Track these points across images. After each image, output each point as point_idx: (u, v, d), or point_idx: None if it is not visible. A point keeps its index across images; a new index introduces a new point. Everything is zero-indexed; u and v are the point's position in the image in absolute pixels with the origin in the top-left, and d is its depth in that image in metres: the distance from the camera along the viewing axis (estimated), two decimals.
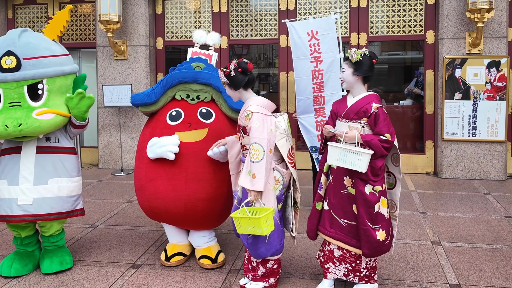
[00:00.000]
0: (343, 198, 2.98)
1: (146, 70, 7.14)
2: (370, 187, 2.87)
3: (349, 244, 2.98)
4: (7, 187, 3.22)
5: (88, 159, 7.69)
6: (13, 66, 3.10)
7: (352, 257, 3.02)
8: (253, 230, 2.81)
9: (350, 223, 2.96)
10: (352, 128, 2.94)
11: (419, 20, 6.67)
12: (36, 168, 3.27)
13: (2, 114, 3.09)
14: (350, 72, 2.99)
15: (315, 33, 4.54)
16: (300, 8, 6.96)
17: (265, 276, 3.13)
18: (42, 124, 3.15)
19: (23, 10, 7.83)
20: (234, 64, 3.00)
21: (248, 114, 2.91)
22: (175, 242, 3.66)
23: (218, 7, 7.21)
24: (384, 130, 2.86)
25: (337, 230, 3.00)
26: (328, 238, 3.04)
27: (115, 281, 3.32)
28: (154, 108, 3.56)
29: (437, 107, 6.57)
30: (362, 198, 2.87)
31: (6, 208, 3.21)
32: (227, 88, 3.10)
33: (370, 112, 2.90)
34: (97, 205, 5.26)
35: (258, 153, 2.83)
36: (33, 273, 3.45)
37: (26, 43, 3.19)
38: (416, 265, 3.56)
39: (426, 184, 6.16)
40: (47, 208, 3.28)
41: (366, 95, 3.01)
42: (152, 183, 3.39)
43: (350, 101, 3.04)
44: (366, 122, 2.93)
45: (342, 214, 2.99)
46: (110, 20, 6.63)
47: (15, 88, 3.12)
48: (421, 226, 4.44)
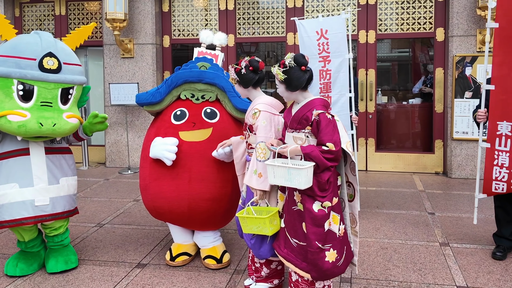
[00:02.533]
0: (293, 215, 2.70)
1: (153, 68, 7.13)
2: (318, 203, 2.57)
3: (299, 267, 2.68)
4: (19, 189, 3.21)
5: (95, 157, 7.71)
6: (55, 68, 3.18)
7: (305, 283, 2.74)
8: (258, 230, 2.79)
9: (300, 243, 2.67)
10: (296, 139, 2.67)
11: (428, 18, 6.58)
12: (48, 168, 3.32)
13: (34, 111, 3.13)
14: (283, 88, 2.71)
15: (324, 32, 4.49)
16: (307, 6, 6.91)
17: (269, 277, 3.10)
18: (70, 127, 3.26)
19: (30, 8, 7.86)
20: (245, 62, 2.95)
21: (256, 113, 2.87)
22: (180, 242, 3.64)
23: (225, 5, 7.18)
24: (325, 139, 2.54)
25: (289, 250, 2.73)
26: (282, 259, 2.79)
27: (120, 280, 3.31)
28: (159, 107, 3.55)
29: (446, 106, 6.49)
30: (310, 217, 2.57)
31: (21, 211, 3.20)
32: (236, 85, 3.07)
33: (311, 119, 2.60)
34: (104, 204, 5.26)
35: (265, 152, 2.79)
36: (38, 272, 3.46)
37: (63, 48, 3.31)
38: (423, 266, 3.52)
39: (435, 184, 6.09)
40: (61, 207, 3.35)
41: (308, 101, 2.69)
42: (156, 182, 3.38)
43: (294, 109, 2.75)
44: (310, 132, 2.63)
45: (293, 233, 2.71)
46: (116, 18, 6.63)
47: (51, 89, 3.19)
48: (429, 227, 4.38)
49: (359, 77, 6.74)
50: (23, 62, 3.11)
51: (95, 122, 3.52)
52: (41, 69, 3.14)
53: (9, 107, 3.09)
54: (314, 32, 4.54)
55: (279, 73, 2.65)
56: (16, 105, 3.11)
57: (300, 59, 2.66)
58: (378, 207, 5.04)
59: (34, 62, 3.13)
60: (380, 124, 7.00)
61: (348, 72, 4.53)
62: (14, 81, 3.10)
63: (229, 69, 3.05)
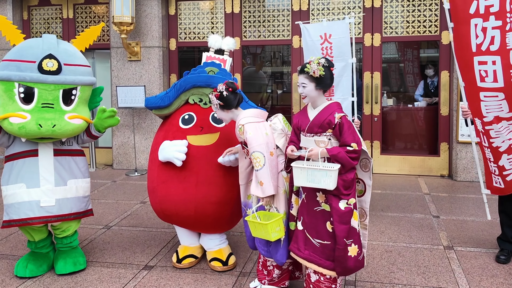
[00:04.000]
0: (316, 216, 2.80)
1: (160, 71, 7.19)
2: (344, 201, 2.70)
3: (323, 266, 2.77)
4: (26, 190, 3.28)
5: (102, 159, 7.78)
6: (54, 69, 3.22)
7: (327, 281, 2.82)
8: (263, 235, 2.83)
9: (324, 242, 2.77)
10: (318, 142, 2.77)
11: (434, 20, 6.59)
12: (55, 170, 3.37)
13: (35, 113, 3.18)
14: (312, 87, 2.79)
15: (328, 36, 4.52)
16: (313, 9, 6.94)
17: (281, 278, 3.13)
18: (73, 128, 3.29)
19: (38, 11, 7.95)
20: (223, 86, 3.07)
21: (240, 128, 2.97)
22: (187, 244, 3.69)
23: (231, 8, 7.23)
24: (349, 139, 2.70)
25: (311, 251, 2.80)
26: (302, 261, 2.86)
27: (127, 282, 3.36)
28: (167, 111, 3.60)
29: (452, 109, 6.49)
30: (338, 215, 2.69)
31: (27, 211, 3.26)
32: (219, 111, 3.13)
33: (334, 123, 2.73)
34: (111, 206, 5.33)
35: (259, 160, 2.86)
36: (47, 273, 3.52)
37: (65, 50, 3.34)
38: (427, 269, 3.54)
39: (440, 187, 6.10)
40: (67, 209, 3.38)
41: (327, 105, 2.83)
42: (163, 185, 3.43)
43: (311, 113, 2.86)
44: (331, 134, 2.75)
45: (315, 234, 2.80)
46: (123, 22, 6.70)
47: (51, 90, 3.23)
48: (434, 230, 4.40)
49: (364, 80, 6.76)
50: (23, 65, 3.18)
51: (105, 117, 3.53)
52: (40, 71, 3.18)
53: (12, 110, 3.18)
54: (318, 36, 4.57)
55: (320, 68, 2.75)
56: (18, 108, 3.19)
57: (330, 61, 2.83)
58: (383, 210, 5.06)
59: (34, 65, 3.19)
60: (386, 126, 7.01)
61: (351, 76, 4.56)
62: (15, 84, 3.18)
63: (209, 97, 3.14)
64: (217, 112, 3.15)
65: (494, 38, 3.21)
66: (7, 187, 3.31)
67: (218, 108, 3.10)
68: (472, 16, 3.32)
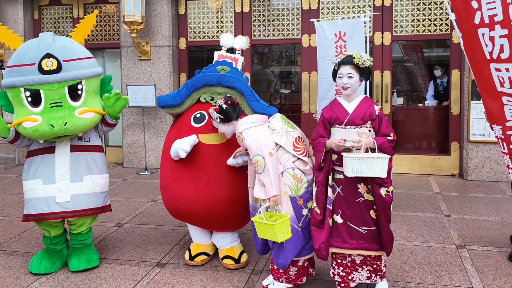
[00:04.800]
0: (360, 206, 2.93)
1: (169, 71, 7.22)
2: (384, 189, 2.87)
3: (371, 249, 2.97)
4: (42, 186, 3.32)
5: (113, 158, 7.83)
6: (54, 68, 3.23)
7: (373, 259, 3.02)
8: (271, 236, 2.83)
9: (370, 229, 2.95)
10: (361, 134, 2.90)
11: (445, 19, 6.56)
12: (71, 166, 3.40)
13: (45, 114, 3.21)
14: (357, 78, 2.94)
15: (342, 34, 4.52)
16: (323, 8, 6.93)
17: (298, 275, 3.13)
18: (85, 122, 3.30)
19: (49, 11, 8.01)
20: (222, 100, 3.17)
21: (239, 136, 3.02)
22: (199, 242, 3.71)
23: (240, 7, 7.24)
24: (388, 130, 2.91)
25: (359, 239, 2.95)
26: (349, 251, 2.98)
27: (140, 279, 3.39)
28: (179, 110, 3.62)
29: (463, 108, 6.46)
30: (381, 202, 2.87)
31: (43, 206, 3.31)
32: (220, 126, 3.20)
33: (375, 114, 2.91)
34: (122, 204, 5.36)
35: (260, 163, 2.88)
36: (61, 270, 3.55)
37: (62, 46, 3.33)
38: (440, 268, 3.53)
39: (451, 186, 6.07)
40: (83, 204, 3.41)
41: (363, 98, 2.99)
42: (175, 183, 3.45)
43: (348, 106, 2.96)
44: (371, 125, 2.92)
45: (361, 223, 2.95)
46: (134, 21, 6.74)
47: (56, 89, 3.25)
48: (446, 229, 4.39)
49: (375, 79, 6.75)
50: (24, 69, 3.21)
51: (112, 103, 3.44)
52: (41, 72, 3.20)
53: (23, 115, 3.23)
54: (333, 34, 4.57)
55: (371, 58, 2.96)
56: (28, 111, 3.24)
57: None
58: (394, 209, 5.05)
59: (34, 67, 3.21)
60: (396, 126, 6.99)
61: None
62: (21, 89, 3.21)
63: (209, 112, 3.20)
64: (219, 127, 3.22)
65: (503, 46, 3.18)
66: (26, 182, 3.39)
67: (219, 122, 3.17)
68: (478, 26, 3.28)
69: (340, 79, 2.94)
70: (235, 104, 3.21)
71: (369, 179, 2.87)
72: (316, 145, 2.97)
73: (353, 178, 2.88)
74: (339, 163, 2.92)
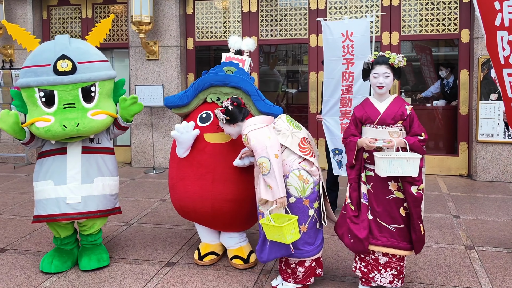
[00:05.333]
0: (389, 203, 2.98)
1: (177, 71, 7.25)
2: (415, 187, 2.90)
3: (401, 248, 2.99)
4: (53, 187, 3.35)
5: (121, 157, 7.87)
6: (69, 69, 3.27)
7: (397, 261, 3.03)
8: (279, 238, 2.83)
9: (399, 226, 2.99)
10: (392, 133, 2.95)
11: (453, 19, 6.53)
12: (82, 167, 3.43)
13: (58, 115, 3.25)
14: (392, 77, 3.01)
15: (350, 34, 4.49)
16: (330, 8, 6.93)
17: (305, 276, 3.14)
18: (97, 124, 3.33)
19: (57, 11, 8.06)
20: (228, 101, 3.18)
21: (245, 138, 3.03)
22: (208, 242, 3.73)
23: (248, 7, 7.25)
24: (419, 130, 2.95)
25: (388, 237, 2.99)
26: (378, 248, 3.01)
27: (150, 278, 3.41)
28: (186, 110, 3.64)
29: (471, 108, 6.43)
30: (412, 200, 2.90)
31: (53, 208, 3.34)
32: (226, 127, 3.23)
33: (407, 114, 2.96)
34: (131, 204, 5.39)
35: (265, 165, 2.89)
36: (72, 269, 3.58)
37: (77, 48, 3.38)
38: (449, 269, 3.53)
39: (459, 187, 6.05)
40: (93, 206, 3.44)
41: (395, 98, 3.04)
42: (182, 182, 3.48)
43: (380, 106, 3.02)
44: (402, 125, 2.97)
45: (390, 220, 2.99)
46: (142, 21, 6.76)
47: (70, 90, 3.29)
48: (454, 230, 4.38)
49: None
50: (39, 70, 3.24)
51: (128, 106, 3.51)
52: (56, 73, 3.24)
53: (36, 115, 3.26)
54: (340, 34, 4.53)
55: (405, 58, 3.02)
56: (42, 112, 3.27)
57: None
58: None
59: (49, 68, 3.24)
60: None
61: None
62: (35, 89, 3.25)
63: (215, 113, 3.22)
64: (225, 128, 3.23)
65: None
66: (37, 183, 3.41)
67: (225, 123, 3.19)
68: (498, 28, 3.26)
69: (375, 78, 2.99)
70: (241, 105, 3.22)
71: (400, 178, 2.91)
72: (348, 144, 3.04)
73: (383, 176, 2.92)
74: (370, 161, 2.99)
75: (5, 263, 3.71)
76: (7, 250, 3.98)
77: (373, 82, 3.02)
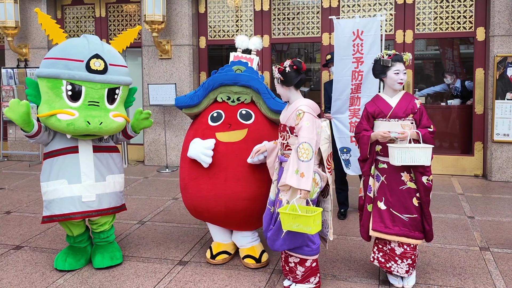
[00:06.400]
0: (402, 194, 3.12)
1: (190, 69, 7.27)
2: (426, 177, 3.06)
3: (413, 237, 3.11)
4: (68, 186, 3.37)
5: (134, 156, 7.93)
6: (101, 69, 3.33)
7: (412, 250, 3.14)
8: (298, 228, 2.81)
9: (412, 216, 3.11)
10: (404, 126, 3.11)
11: (468, 17, 6.45)
12: (95, 166, 3.47)
13: (82, 110, 3.29)
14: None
15: (360, 33, 4.46)
16: (343, 6, 6.88)
17: (305, 276, 3.14)
18: (116, 125, 3.40)
19: (71, 10, 8.14)
20: (289, 62, 3.09)
21: (300, 113, 2.96)
22: (220, 241, 3.73)
23: (260, 6, 7.24)
24: (428, 123, 3.15)
25: (401, 226, 3.11)
26: (391, 237, 3.12)
27: (163, 277, 3.43)
28: (197, 110, 3.65)
29: (487, 107, 6.34)
30: (424, 189, 3.08)
31: (69, 206, 3.36)
32: (278, 86, 3.16)
33: (417, 108, 3.15)
34: (144, 202, 5.43)
35: (308, 152, 2.86)
36: (85, 267, 3.62)
37: (109, 50, 3.45)
38: (463, 271, 3.48)
39: (474, 187, 5.98)
40: (106, 203, 3.49)
41: (404, 93, 3.22)
42: (194, 182, 3.48)
43: (391, 101, 3.18)
44: (412, 118, 3.14)
45: (403, 210, 3.12)
46: (155, 20, 6.80)
47: (98, 89, 3.34)
48: (469, 231, 4.32)
49: None
50: (72, 64, 3.27)
51: (141, 119, 3.68)
52: (88, 70, 3.29)
53: (59, 107, 3.26)
54: (351, 32, 4.50)
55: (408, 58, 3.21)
56: (65, 105, 3.28)
57: None
58: None
59: (82, 64, 3.28)
60: None
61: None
62: (63, 82, 3.26)
63: (272, 69, 3.15)
64: (277, 87, 3.19)
65: None
66: (48, 183, 3.40)
67: (278, 83, 3.14)
68: None
69: (397, 75, 3.14)
70: (302, 69, 3.12)
71: (412, 168, 3.07)
72: (361, 138, 3.19)
73: (396, 167, 3.08)
74: (383, 153, 3.15)
75: (20, 260, 3.76)
76: (22, 247, 4.04)
77: (394, 78, 3.14)
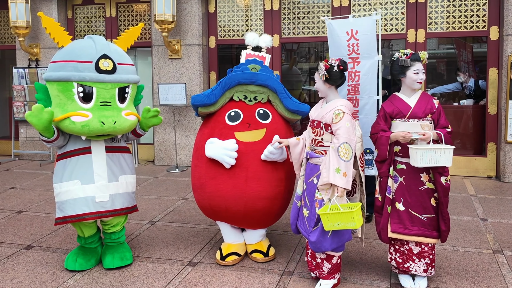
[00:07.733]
0: (421, 194, 3.12)
1: (200, 69, 7.26)
2: (444, 178, 3.06)
3: (431, 237, 3.13)
4: (81, 186, 3.38)
5: (144, 155, 7.95)
6: (110, 69, 3.33)
7: (430, 249, 3.17)
8: (342, 226, 2.87)
9: (430, 216, 3.13)
10: (423, 126, 3.11)
11: (482, 15, 6.36)
12: (108, 166, 3.48)
13: (95, 111, 3.29)
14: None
15: (354, 32, 4.37)
16: (354, 5, 6.83)
17: (330, 272, 3.18)
18: (129, 124, 3.41)
19: (82, 10, 8.18)
20: (337, 61, 3.16)
21: (340, 113, 3.03)
22: (230, 242, 3.72)
23: (270, 5, 7.21)
24: (446, 123, 3.15)
25: (420, 226, 3.13)
26: (410, 237, 3.13)
27: (172, 278, 3.42)
28: (213, 109, 3.62)
29: (500, 108, 6.25)
30: (443, 189, 3.07)
31: (83, 207, 3.37)
32: (320, 82, 3.20)
33: (436, 108, 3.14)
34: (154, 202, 5.44)
35: (348, 152, 2.95)
36: (95, 268, 3.62)
37: (116, 50, 3.46)
38: (476, 274, 3.43)
39: (487, 189, 5.90)
40: (119, 204, 3.50)
41: (422, 93, 3.20)
42: (212, 181, 3.46)
43: (410, 101, 3.17)
44: (431, 118, 3.14)
45: (422, 210, 3.13)
46: (165, 20, 6.80)
47: (109, 89, 3.35)
48: (482, 233, 4.26)
49: None
50: (81, 66, 3.27)
51: (149, 117, 3.65)
52: (97, 71, 3.29)
53: (72, 109, 3.27)
54: (344, 32, 4.42)
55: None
56: (78, 107, 3.28)
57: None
58: None
59: (91, 65, 3.28)
60: None
61: (377, 74, 4.43)
62: (74, 84, 3.27)
63: (319, 65, 3.18)
64: (318, 82, 3.22)
65: None
66: (61, 185, 3.40)
67: (322, 79, 3.17)
68: None
69: (417, 75, 3.13)
70: (345, 70, 3.20)
71: (431, 169, 3.06)
72: (379, 139, 3.15)
73: (415, 168, 3.06)
74: (402, 154, 3.13)
75: (31, 260, 3.78)
76: (33, 247, 4.06)
77: (413, 78, 3.13)
